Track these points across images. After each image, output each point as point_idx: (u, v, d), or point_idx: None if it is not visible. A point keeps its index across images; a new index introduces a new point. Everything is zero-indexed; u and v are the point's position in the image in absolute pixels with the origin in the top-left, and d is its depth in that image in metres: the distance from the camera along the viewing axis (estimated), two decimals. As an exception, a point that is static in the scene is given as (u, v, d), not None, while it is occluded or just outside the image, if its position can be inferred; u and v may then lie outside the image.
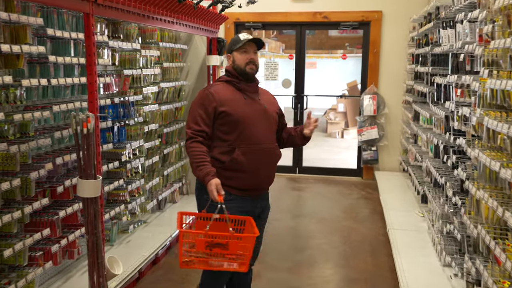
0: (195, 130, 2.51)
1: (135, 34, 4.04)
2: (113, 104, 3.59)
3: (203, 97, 2.59)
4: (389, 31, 6.53)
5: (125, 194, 3.82)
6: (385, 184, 6.15)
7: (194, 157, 2.47)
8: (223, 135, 2.55)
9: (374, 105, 6.59)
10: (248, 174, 2.53)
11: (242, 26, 7.03)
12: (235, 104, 2.55)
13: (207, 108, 2.53)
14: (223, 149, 2.54)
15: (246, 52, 2.60)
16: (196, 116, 2.55)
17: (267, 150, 2.60)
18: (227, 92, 2.58)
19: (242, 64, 2.60)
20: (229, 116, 2.53)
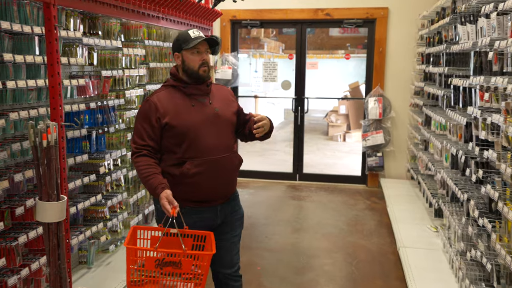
0: (139, 145, 2.28)
1: (116, 31, 3.61)
2: (89, 109, 3.16)
3: (145, 108, 2.32)
4: (395, 29, 6.11)
5: (104, 211, 3.39)
6: (392, 193, 5.72)
7: (141, 171, 2.24)
8: (172, 146, 2.31)
9: (380, 108, 6.17)
10: (201, 186, 2.31)
11: (238, 24, 6.60)
12: (180, 114, 2.29)
13: (150, 120, 2.28)
14: (172, 162, 2.32)
15: (198, 52, 2.30)
16: (139, 129, 2.30)
17: (222, 159, 2.34)
18: (172, 101, 2.31)
19: (195, 66, 2.30)
20: (173, 128, 2.28)
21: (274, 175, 6.83)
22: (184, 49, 2.29)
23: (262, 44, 11.69)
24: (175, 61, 2.37)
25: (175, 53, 2.35)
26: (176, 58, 2.35)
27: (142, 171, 2.22)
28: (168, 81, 2.40)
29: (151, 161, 2.25)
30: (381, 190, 6.16)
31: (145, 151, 2.25)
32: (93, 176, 3.18)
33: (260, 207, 5.52)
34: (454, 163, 3.58)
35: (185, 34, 2.32)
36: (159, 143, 2.30)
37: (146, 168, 2.22)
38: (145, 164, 2.23)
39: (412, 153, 5.91)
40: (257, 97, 10.59)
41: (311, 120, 14.55)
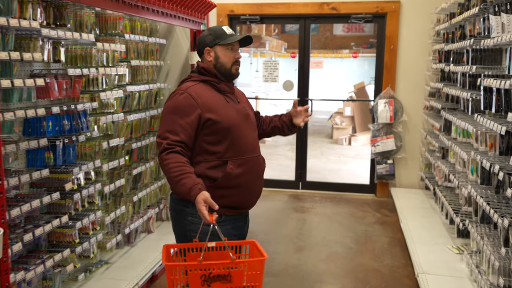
0: (172, 141, 2.06)
1: (90, 23, 3.10)
2: (50, 115, 2.64)
3: (181, 101, 2.13)
4: (408, 24, 5.58)
5: (73, 234, 2.88)
6: (405, 204, 5.19)
7: (172, 170, 1.99)
8: (210, 146, 2.14)
9: (391, 111, 5.64)
10: (243, 189, 2.19)
11: (237, 20, 6.08)
12: (221, 108, 2.17)
13: (188, 114, 2.10)
14: (212, 164, 2.14)
15: (233, 49, 2.22)
16: (172, 124, 2.09)
17: (257, 158, 2.27)
18: (209, 95, 2.18)
19: (228, 63, 2.22)
20: (217, 124, 2.13)
21: (276, 183, 6.31)
22: (219, 44, 2.19)
23: (264, 42, 11.14)
24: (205, 56, 2.23)
25: (206, 48, 2.22)
26: (206, 53, 2.22)
27: (173, 169, 1.98)
28: (194, 76, 2.25)
29: (184, 159, 2.03)
30: (391, 201, 5.63)
31: (179, 147, 2.04)
32: (56, 194, 2.66)
33: (260, 221, 5.00)
34: (485, 178, 3.05)
35: (219, 29, 2.22)
36: (193, 141, 2.12)
37: (178, 166, 1.98)
38: (177, 161, 2.00)
39: (427, 161, 5.37)
40: (258, 98, 10.08)
41: (315, 122, 14.02)
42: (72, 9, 3.05)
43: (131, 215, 3.74)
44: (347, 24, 13.66)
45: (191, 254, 1.97)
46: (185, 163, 2.01)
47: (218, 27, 2.24)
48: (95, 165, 3.03)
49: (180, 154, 2.03)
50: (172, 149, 2.02)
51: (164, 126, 2.09)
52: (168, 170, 2.00)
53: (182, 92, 2.13)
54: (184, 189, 1.95)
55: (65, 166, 2.88)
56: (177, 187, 1.99)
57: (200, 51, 2.26)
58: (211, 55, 2.21)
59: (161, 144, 2.06)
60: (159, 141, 2.08)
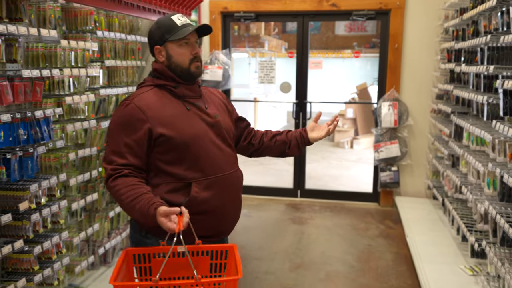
0: (118, 165, 1.73)
1: (54, 18, 2.73)
2: (1, 123, 2.27)
3: (126, 115, 1.77)
4: (414, 21, 5.19)
5: (31, 260, 2.50)
6: (410, 215, 4.80)
7: (123, 197, 1.68)
8: (167, 166, 1.79)
9: (395, 115, 5.25)
10: (214, 215, 1.83)
11: (231, 17, 5.71)
12: (176, 121, 1.79)
13: (135, 130, 1.74)
14: (172, 186, 1.78)
15: (188, 43, 1.84)
16: (119, 145, 1.75)
17: (230, 177, 1.88)
18: (162, 104, 1.80)
19: (184, 61, 1.84)
20: (171, 140, 1.77)
21: (272, 191, 5.93)
22: (169, 40, 1.83)
23: (262, 42, 10.77)
24: (156, 56, 1.88)
25: (155, 46, 1.86)
26: (157, 52, 1.86)
27: (123, 196, 1.67)
28: (148, 80, 1.90)
29: (134, 180, 1.71)
30: (396, 211, 5.24)
31: (126, 170, 1.72)
32: (7, 216, 2.29)
33: (254, 234, 4.62)
34: (505, 194, 2.66)
35: (168, 21, 1.84)
36: (145, 161, 1.78)
37: (129, 190, 1.67)
38: (126, 185, 1.68)
39: (434, 168, 4.99)
40: (257, 100, 9.71)
41: (316, 124, 13.64)
42: (34, 1, 2.69)
43: (107, 232, 3.37)
44: (349, 23, 13.29)
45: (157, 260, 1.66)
46: (136, 184, 1.69)
47: (167, 18, 1.86)
48: (59, 179, 2.66)
49: (129, 176, 1.71)
50: (117, 174, 1.71)
51: (110, 147, 1.77)
52: (118, 198, 1.70)
53: (129, 103, 1.78)
54: (140, 214, 1.64)
55: (22, 182, 2.51)
56: (133, 214, 1.69)
57: (152, 51, 1.90)
58: (163, 54, 1.86)
59: (106, 169, 1.75)
60: (104, 166, 1.77)
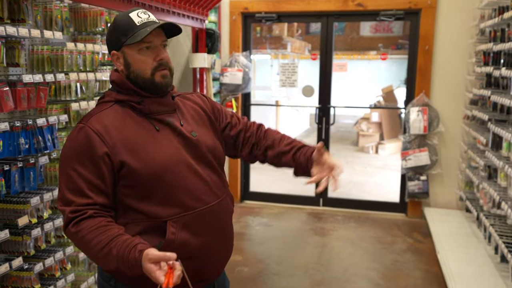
0: (79, 205, 1.37)
1: (61, 19, 2.56)
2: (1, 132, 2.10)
3: (80, 143, 1.41)
4: (446, 21, 4.87)
5: (31, 278, 2.33)
6: (441, 229, 4.49)
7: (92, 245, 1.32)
8: (136, 202, 1.43)
9: (425, 121, 4.94)
10: (196, 259, 1.46)
11: (251, 18, 5.49)
12: (143, 147, 1.44)
13: (92, 160, 1.39)
14: (142, 226, 1.43)
15: (149, 48, 1.48)
16: (76, 181, 1.38)
17: (215, 208, 1.52)
18: (124, 126, 1.45)
19: (146, 70, 1.48)
20: (136, 172, 1.41)
21: (293, 199, 5.68)
22: (126, 44, 1.47)
23: (285, 44, 10.53)
24: (114, 63, 1.53)
25: (112, 51, 1.51)
26: (114, 59, 1.52)
27: (93, 241, 1.32)
28: (108, 94, 1.53)
29: (104, 221, 1.36)
30: (425, 223, 4.93)
31: (91, 211, 1.37)
32: (4, 232, 2.12)
33: (273, 246, 4.38)
34: (555, 215, 2.36)
35: (125, 19, 1.47)
36: (112, 198, 1.43)
37: (99, 234, 1.32)
38: (95, 227, 1.33)
39: (467, 178, 4.66)
40: (279, 105, 9.48)
41: (340, 127, 13.31)
42: (41, 1, 2.53)
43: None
44: (375, 24, 12.95)
45: None
46: (106, 225, 1.35)
47: (124, 15, 1.49)
48: (63, 191, 2.48)
49: (95, 217, 1.36)
50: (79, 216, 1.36)
51: (64, 183, 1.40)
52: (86, 246, 1.35)
53: (82, 126, 1.43)
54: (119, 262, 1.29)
55: (24, 194, 2.34)
56: (109, 263, 1.33)
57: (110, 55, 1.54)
58: (120, 61, 1.50)
59: (63, 212, 1.39)
60: (61, 208, 1.41)
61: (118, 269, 1.32)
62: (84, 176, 1.38)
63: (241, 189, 5.73)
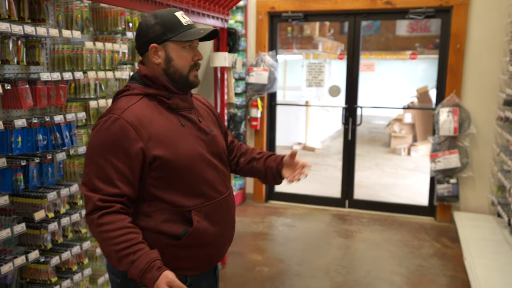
0: (108, 195, 1.42)
1: (81, 18, 2.62)
2: (19, 129, 2.17)
3: (115, 134, 1.45)
4: (479, 19, 4.70)
5: (48, 271, 2.39)
6: (470, 234, 4.33)
7: (114, 242, 1.39)
8: (162, 193, 1.51)
9: (455, 122, 4.78)
10: (213, 246, 1.61)
11: (278, 18, 5.47)
12: (174, 139, 1.52)
13: (127, 153, 1.45)
14: (168, 215, 1.52)
15: (192, 47, 1.58)
16: (106, 170, 1.44)
17: (227, 199, 1.67)
18: (156, 119, 1.51)
19: (185, 67, 1.57)
20: (168, 164, 1.49)
21: (319, 200, 5.62)
22: (172, 40, 1.54)
23: (316, 43, 10.44)
24: (150, 57, 1.56)
25: (152, 44, 1.54)
26: (152, 51, 1.55)
27: (114, 240, 1.39)
28: (135, 87, 1.57)
29: (128, 222, 1.44)
30: (454, 227, 4.77)
31: (118, 204, 1.43)
32: (20, 226, 2.19)
33: (296, 246, 4.34)
34: None
35: (171, 17, 1.54)
36: (136, 189, 1.50)
37: (123, 235, 1.40)
38: (119, 228, 1.40)
39: (500, 182, 4.47)
40: (305, 105, 9.40)
41: (372, 129, 13.10)
42: (63, 2, 2.59)
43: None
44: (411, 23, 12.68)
45: None
46: (129, 227, 1.42)
47: (169, 13, 1.55)
48: (81, 187, 2.54)
49: (121, 214, 1.43)
50: (108, 208, 1.41)
51: (92, 172, 1.45)
52: (105, 241, 1.41)
53: (116, 118, 1.47)
54: (133, 269, 1.38)
55: (42, 190, 2.41)
56: (122, 264, 1.40)
57: (142, 48, 1.58)
58: (160, 55, 1.56)
59: (89, 199, 1.43)
60: (87, 194, 1.45)
61: (126, 271, 1.39)
62: (116, 167, 1.43)
63: (266, 189, 5.71)
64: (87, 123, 2.76)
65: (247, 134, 5.54)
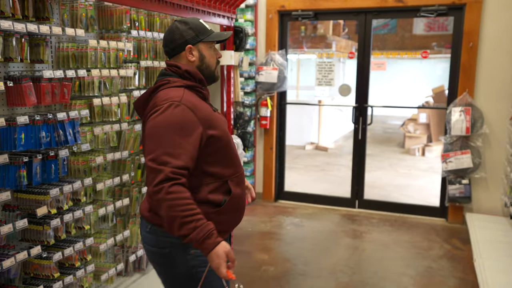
0: (176, 167, 1.65)
1: (85, 17, 2.65)
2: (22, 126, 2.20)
3: (179, 116, 1.72)
4: (492, 17, 4.61)
5: (51, 266, 2.43)
6: (482, 236, 4.24)
7: (180, 209, 1.61)
8: (209, 167, 1.82)
9: (467, 121, 4.70)
10: (242, 208, 1.95)
11: (288, 16, 5.45)
12: (217, 121, 1.86)
13: (190, 133, 1.72)
14: (212, 186, 1.83)
15: (214, 48, 1.96)
16: (173, 146, 1.69)
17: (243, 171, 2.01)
18: (202, 105, 1.83)
19: (213, 64, 1.94)
20: (219, 141, 1.83)
21: (329, 200, 5.58)
22: (203, 41, 1.88)
23: (330, 43, 10.39)
24: (187, 56, 1.87)
25: (188, 45, 1.86)
26: (188, 51, 1.87)
27: (182, 207, 1.61)
28: (176, 81, 1.84)
29: (190, 195, 1.66)
30: (465, 229, 4.69)
31: (184, 178, 1.66)
32: (22, 221, 2.22)
33: (303, 246, 4.32)
34: None
35: (198, 22, 1.91)
36: (195, 164, 1.76)
37: (188, 204, 1.62)
38: (185, 198, 1.63)
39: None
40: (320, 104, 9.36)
41: (387, 129, 12.98)
42: (68, 1, 2.62)
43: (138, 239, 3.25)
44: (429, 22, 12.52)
45: None
46: (192, 200, 1.65)
47: (195, 20, 1.91)
48: (84, 183, 2.56)
49: (185, 187, 1.65)
50: (177, 180, 1.63)
51: (161, 148, 1.66)
52: (171, 208, 1.60)
53: (177, 104, 1.73)
54: (195, 235, 1.58)
55: (46, 186, 2.44)
56: (183, 230, 1.59)
57: (176, 49, 1.87)
58: (194, 54, 1.87)
59: (160, 171, 1.62)
60: (156, 166, 1.63)
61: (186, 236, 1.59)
62: (180, 143, 1.67)
63: (275, 188, 5.70)
64: (92, 120, 2.79)
65: (256, 133, 5.54)
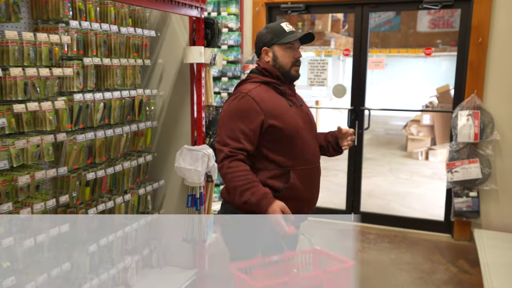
0: (234, 148, 1.96)
1: (4, 3, 2.14)
2: None
3: (243, 105, 2.00)
4: (505, 9, 4.07)
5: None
6: (493, 257, 3.71)
7: (238, 179, 1.92)
8: (270, 154, 2.04)
9: (476, 127, 4.17)
10: (302, 199, 2.09)
11: (277, 9, 4.93)
12: (283, 114, 2.05)
13: (251, 120, 1.99)
14: (273, 173, 2.04)
15: (292, 48, 2.12)
16: (234, 130, 1.98)
17: (317, 169, 2.17)
18: (271, 99, 2.06)
19: (287, 64, 2.12)
20: (280, 131, 2.02)
21: (322, 212, 5.05)
22: (277, 43, 2.10)
23: (328, 40, 9.84)
24: (263, 56, 2.14)
25: (263, 47, 2.13)
26: (264, 53, 2.14)
27: (239, 177, 1.92)
28: (254, 77, 2.13)
29: (248, 167, 1.96)
30: (473, 247, 4.16)
31: (241, 155, 1.96)
32: None
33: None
34: None
35: (277, 26, 2.12)
36: (255, 147, 2.02)
37: (244, 174, 1.92)
38: (242, 169, 1.93)
39: (527, 198, 3.85)
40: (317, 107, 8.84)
41: (389, 130, 12.44)
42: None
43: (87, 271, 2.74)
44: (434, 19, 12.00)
45: None
46: (250, 171, 1.93)
47: (277, 24, 2.12)
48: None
49: (243, 162, 1.94)
50: (234, 156, 1.93)
51: (224, 132, 1.99)
52: (232, 179, 1.92)
53: (244, 95, 2.02)
54: (253, 198, 1.88)
55: None
56: (244, 196, 1.90)
57: (258, 51, 2.15)
58: (269, 55, 2.12)
59: (221, 151, 1.96)
60: (219, 147, 1.99)
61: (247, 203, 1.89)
62: (242, 129, 1.96)
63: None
64: (21, 130, 2.28)
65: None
